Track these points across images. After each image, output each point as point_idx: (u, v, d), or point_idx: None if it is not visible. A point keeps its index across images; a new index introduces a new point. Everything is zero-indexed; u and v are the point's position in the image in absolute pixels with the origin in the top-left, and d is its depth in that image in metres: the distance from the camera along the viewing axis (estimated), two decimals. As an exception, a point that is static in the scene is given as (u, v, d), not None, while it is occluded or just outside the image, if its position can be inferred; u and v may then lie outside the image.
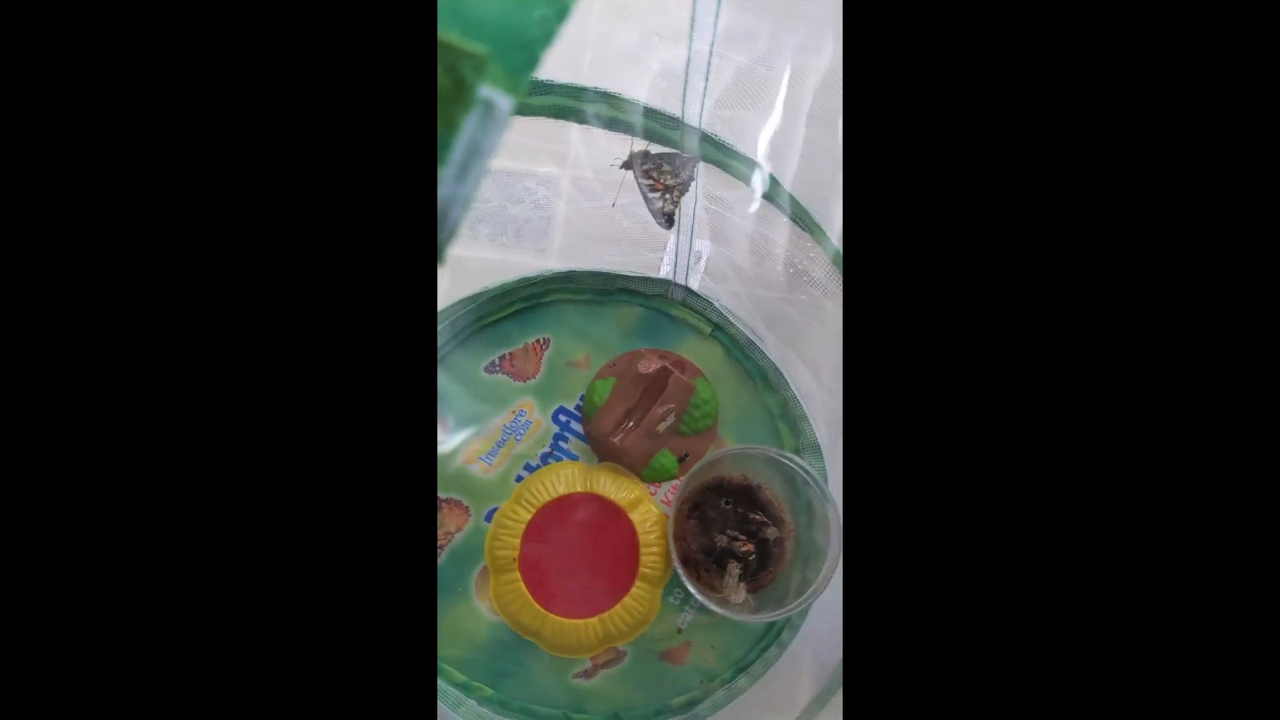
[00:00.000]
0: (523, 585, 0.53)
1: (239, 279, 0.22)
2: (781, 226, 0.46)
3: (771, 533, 0.54)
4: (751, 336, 0.57)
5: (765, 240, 0.48)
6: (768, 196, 0.44)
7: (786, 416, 0.58)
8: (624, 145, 0.42)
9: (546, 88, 0.41)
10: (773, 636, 0.55)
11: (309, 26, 0.21)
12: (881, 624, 0.23)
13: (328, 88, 0.22)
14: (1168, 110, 0.22)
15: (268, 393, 0.22)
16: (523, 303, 0.59)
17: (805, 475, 0.52)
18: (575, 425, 0.58)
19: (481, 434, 0.57)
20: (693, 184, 0.44)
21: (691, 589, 0.50)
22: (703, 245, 0.56)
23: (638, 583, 0.54)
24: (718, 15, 0.34)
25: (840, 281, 0.44)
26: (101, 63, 0.21)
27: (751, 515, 0.54)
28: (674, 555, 0.51)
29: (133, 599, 0.22)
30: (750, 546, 0.54)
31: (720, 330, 0.59)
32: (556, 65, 0.41)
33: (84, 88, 0.21)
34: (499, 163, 0.62)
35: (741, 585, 0.52)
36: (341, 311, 0.22)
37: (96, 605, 0.21)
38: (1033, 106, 0.22)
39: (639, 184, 0.44)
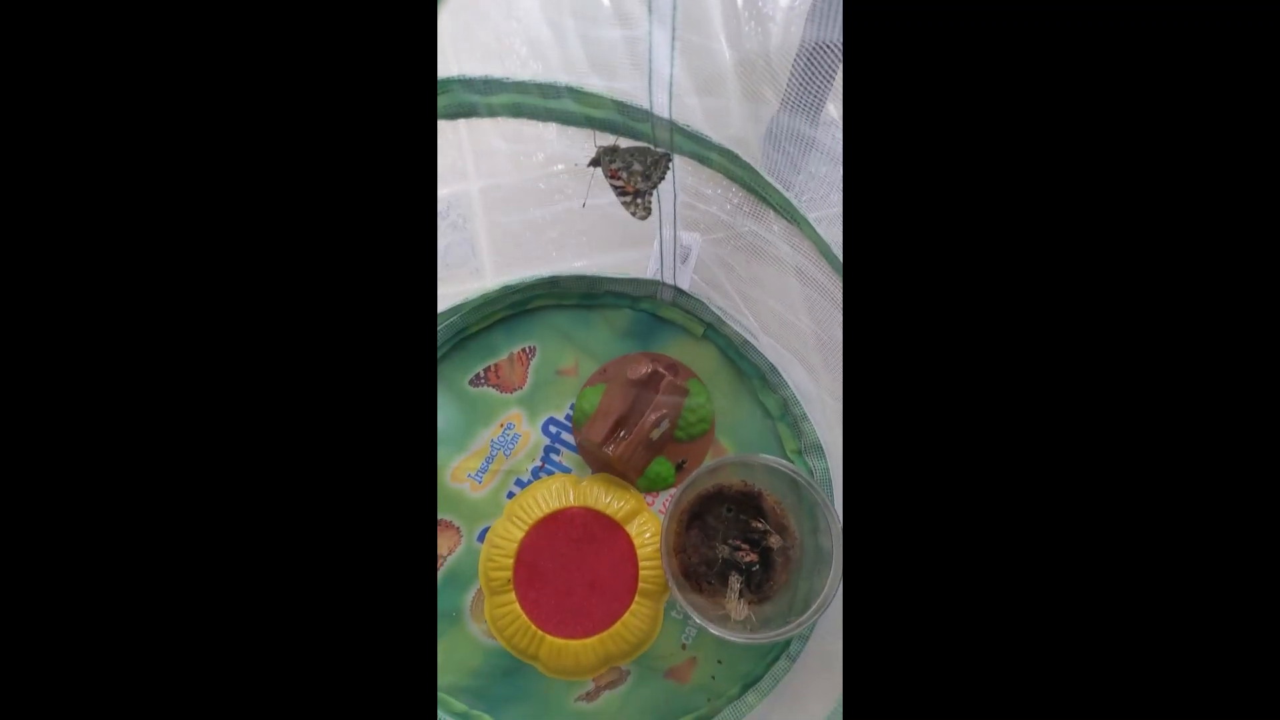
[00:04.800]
0: (518, 606, 0.50)
1: (236, 284, 0.21)
2: (767, 219, 0.42)
3: (775, 541, 0.50)
4: (746, 336, 0.53)
5: (754, 235, 0.44)
6: (751, 189, 0.40)
7: (786, 417, 0.54)
8: (588, 141, 0.38)
9: (500, 85, 0.37)
10: (780, 649, 0.51)
11: (306, 24, 0.21)
12: (881, 623, 0.23)
13: (326, 88, 0.21)
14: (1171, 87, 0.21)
15: (266, 400, 0.22)
16: (506, 311, 0.56)
17: (807, 482, 0.48)
18: (566, 436, 0.55)
19: (469, 450, 0.54)
20: (666, 180, 0.40)
21: (688, 609, 0.46)
22: (691, 239, 0.52)
23: (638, 598, 0.50)
24: (676, -5, 0.30)
25: (835, 277, 0.40)
26: (101, 62, 0.20)
27: (754, 523, 0.51)
28: (668, 571, 0.47)
29: (129, 619, 0.21)
30: (753, 556, 0.50)
31: (713, 330, 0.55)
32: (511, 63, 0.37)
33: (83, 88, 0.20)
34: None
35: (743, 601, 0.48)
36: (340, 310, 0.22)
37: (84, 636, 0.21)
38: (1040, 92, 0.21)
39: (609, 184, 0.40)
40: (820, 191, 0.38)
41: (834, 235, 0.38)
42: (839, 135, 0.34)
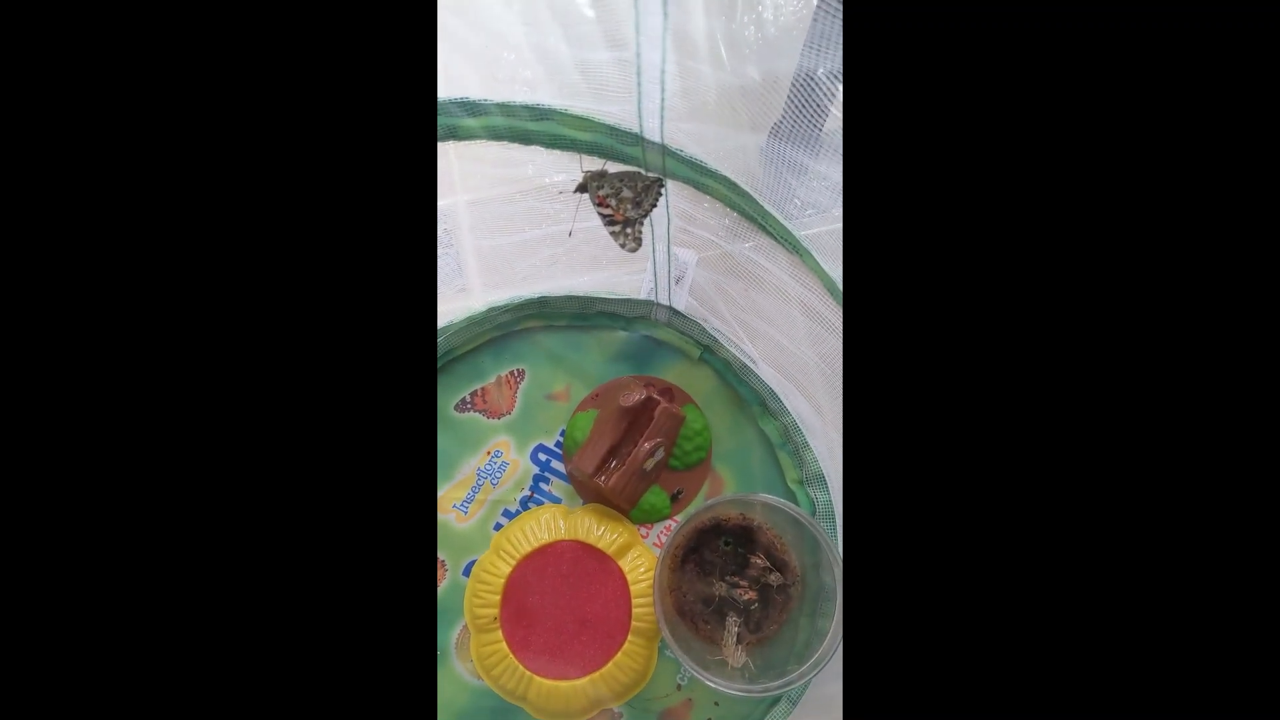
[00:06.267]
0: (506, 646, 0.48)
1: (233, 292, 0.21)
2: (767, 249, 0.39)
3: (775, 579, 0.48)
4: (745, 360, 0.51)
5: (752, 263, 0.41)
6: (750, 218, 0.37)
7: (788, 445, 0.51)
8: (573, 165, 0.36)
9: (483, 108, 0.35)
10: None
11: (303, 28, 0.21)
12: (882, 666, 0.22)
13: (326, 95, 0.21)
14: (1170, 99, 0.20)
15: (263, 412, 0.22)
16: (493, 332, 0.53)
17: (809, 522, 0.46)
18: (556, 464, 0.52)
19: (455, 479, 0.52)
20: (658, 206, 0.37)
21: (683, 659, 0.44)
22: (686, 256, 0.49)
23: (631, 637, 0.48)
24: (666, 18, 0.27)
25: (838, 309, 0.38)
26: (100, 62, 0.20)
27: (753, 558, 0.48)
28: (660, 615, 0.45)
29: (126, 638, 0.21)
30: (752, 595, 0.48)
31: (710, 352, 0.53)
32: (492, 84, 0.35)
33: (83, 88, 0.20)
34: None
35: (741, 647, 0.46)
36: (339, 325, 0.22)
37: (71, 657, 0.21)
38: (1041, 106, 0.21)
39: (597, 212, 0.37)
40: (818, 208, 0.36)
41: (823, 249, 0.35)
42: (836, 159, 0.32)
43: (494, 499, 0.52)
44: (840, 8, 0.25)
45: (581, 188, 0.37)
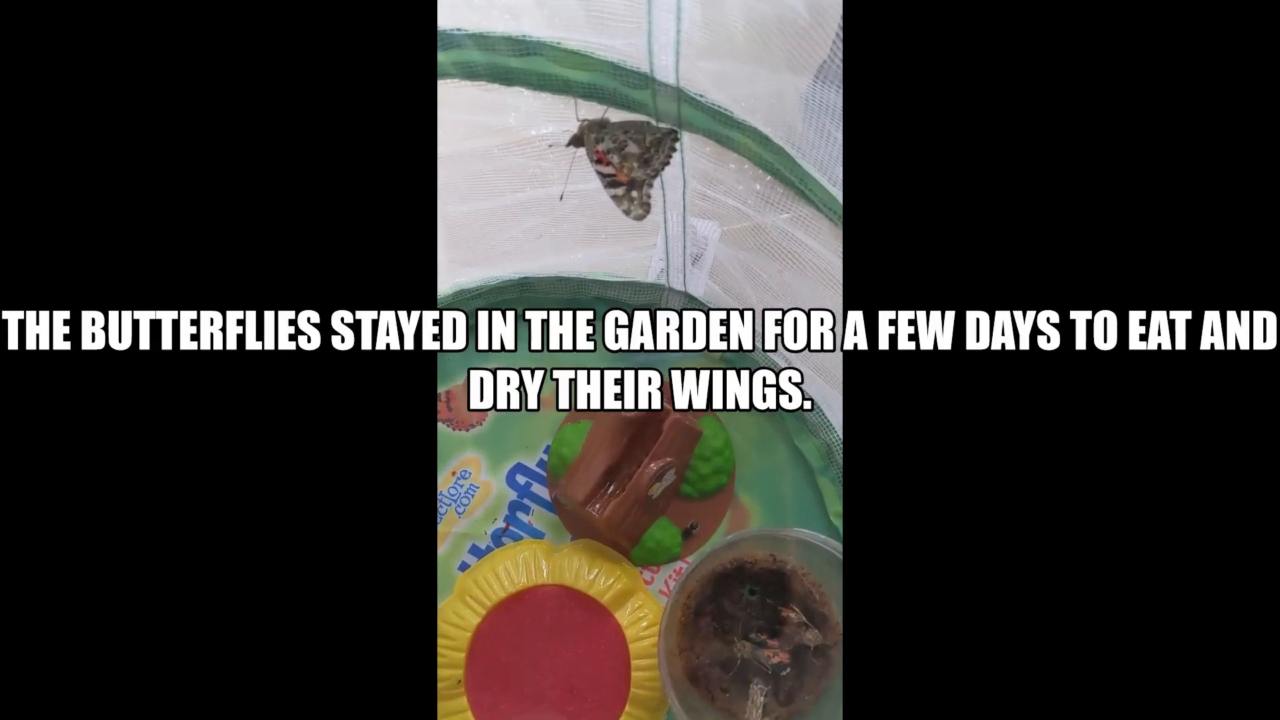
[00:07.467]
0: (472, 716, 0.49)
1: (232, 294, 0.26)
2: (805, 218, 0.40)
3: (812, 637, 0.49)
4: (778, 360, 0.51)
5: (788, 239, 0.42)
6: (785, 180, 0.38)
7: (830, 469, 0.52)
8: (567, 113, 0.37)
9: (452, 39, 0.35)
10: (817, 778, 0.50)
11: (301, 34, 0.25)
12: (883, 643, 0.26)
13: (326, 100, 0.26)
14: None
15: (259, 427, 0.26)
16: (462, 322, 0.54)
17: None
18: (539, 489, 0.53)
19: (411, 506, 0.53)
20: (671, 164, 0.38)
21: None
22: (707, 229, 0.50)
23: (629, 708, 0.49)
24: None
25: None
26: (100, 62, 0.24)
27: (785, 611, 0.49)
28: (666, 678, 0.46)
29: (129, 627, 0.25)
30: (784, 656, 0.48)
31: (735, 352, 0.53)
32: (465, 11, 0.35)
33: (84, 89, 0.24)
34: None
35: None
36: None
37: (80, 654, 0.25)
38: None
39: (595, 170, 0.38)
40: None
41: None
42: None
43: (460, 531, 0.52)
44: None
45: (576, 141, 0.37)
